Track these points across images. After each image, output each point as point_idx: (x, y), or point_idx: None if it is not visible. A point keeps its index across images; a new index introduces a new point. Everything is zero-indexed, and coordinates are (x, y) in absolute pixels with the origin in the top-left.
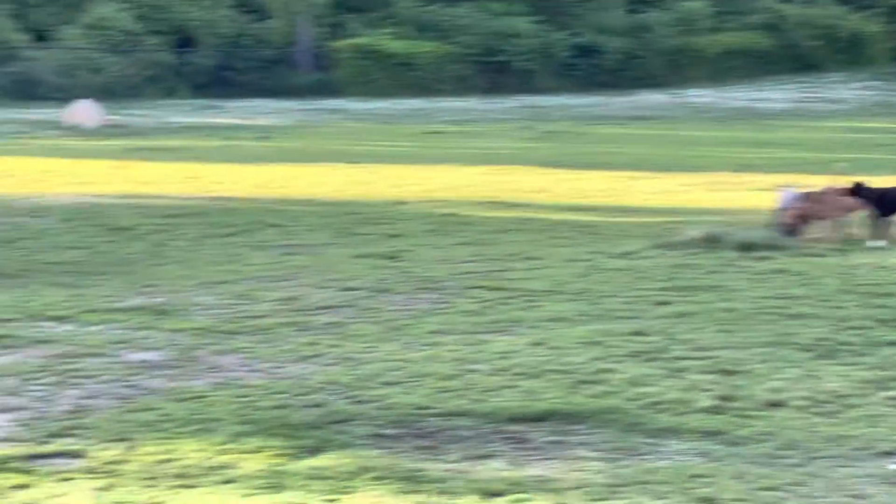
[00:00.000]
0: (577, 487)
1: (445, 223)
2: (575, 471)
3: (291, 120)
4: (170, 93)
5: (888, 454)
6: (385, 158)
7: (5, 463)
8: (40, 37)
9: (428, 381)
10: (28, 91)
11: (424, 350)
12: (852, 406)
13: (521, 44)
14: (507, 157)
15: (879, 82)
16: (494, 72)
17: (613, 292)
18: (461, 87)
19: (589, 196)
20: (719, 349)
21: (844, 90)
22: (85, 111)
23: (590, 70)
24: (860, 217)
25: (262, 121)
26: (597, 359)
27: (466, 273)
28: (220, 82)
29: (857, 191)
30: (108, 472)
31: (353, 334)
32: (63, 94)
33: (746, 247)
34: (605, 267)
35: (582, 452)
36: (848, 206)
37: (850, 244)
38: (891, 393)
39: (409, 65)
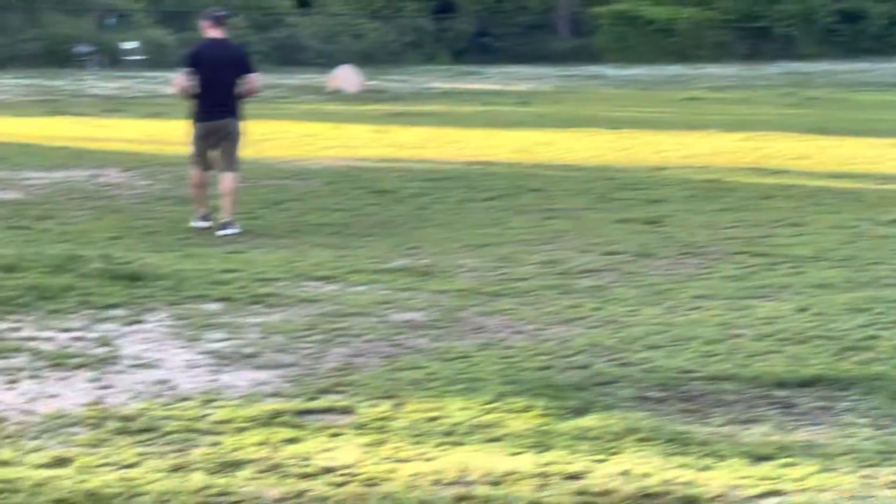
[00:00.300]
0: (845, 453)
1: (706, 189)
2: (843, 437)
3: (550, 86)
4: (429, 58)
5: None
6: (644, 124)
7: (276, 417)
8: (303, 3)
9: (692, 345)
10: (291, 56)
11: (688, 314)
12: None
13: (783, 9)
14: (767, 124)
15: None
16: (754, 37)
17: (880, 259)
18: (720, 53)
19: (853, 163)
20: None
21: None
22: (346, 76)
23: (853, 35)
24: None
25: (520, 86)
26: (864, 326)
27: (729, 239)
28: (478, 48)
29: None
30: (377, 428)
31: (615, 298)
32: (324, 60)
33: None
34: (872, 234)
35: (850, 419)
36: None
37: None
38: None
39: (668, 31)
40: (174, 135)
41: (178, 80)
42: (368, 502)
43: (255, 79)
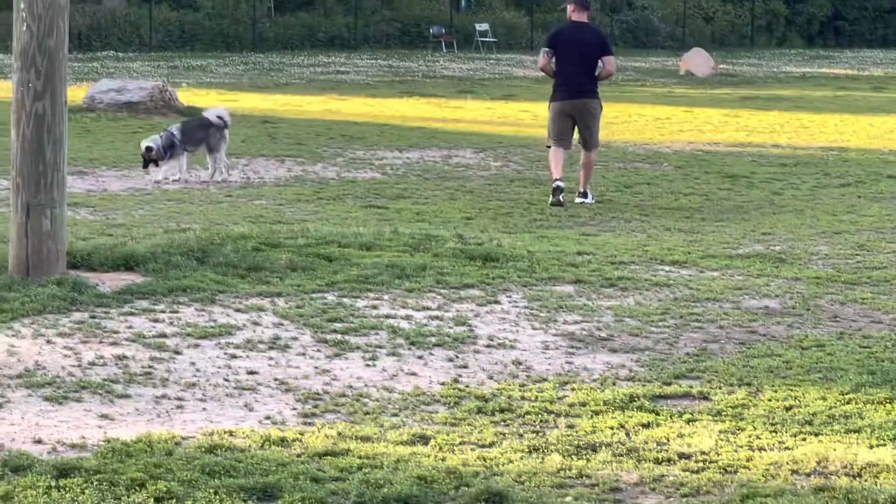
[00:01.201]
0: None
1: None
2: None
3: None
4: (780, 42)
5: None
6: None
7: (631, 401)
8: None
9: None
10: (641, 39)
11: None
12: None
13: None
14: None
15: None
16: None
17: None
18: None
19: None
20: None
21: None
22: (697, 59)
23: None
24: None
25: (875, 71)
26: None
27: None
28: (832, 32)
29: None
30: (734, 415)
31: None
32: (674, 43)
33: None
34: None
35: None
36: None
37: None
38: None
39: None
40: (526, 116)
41: (541, 60)
42: (727, 489)
43: (611, 61)
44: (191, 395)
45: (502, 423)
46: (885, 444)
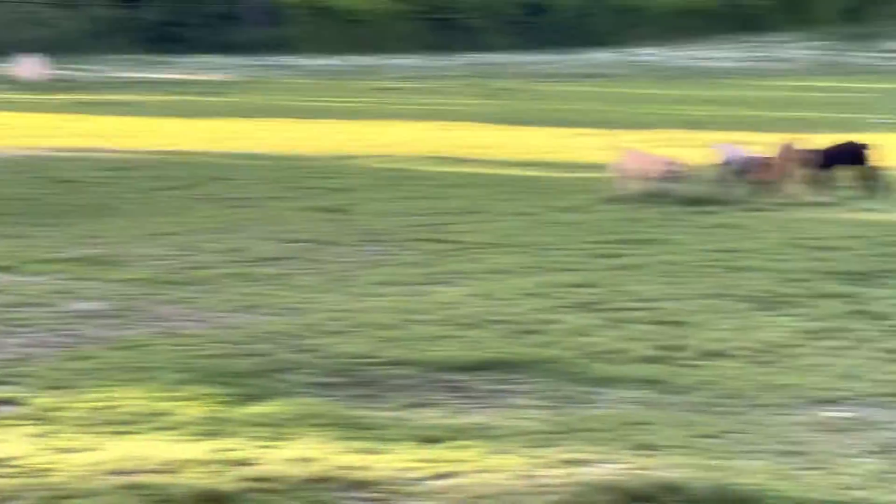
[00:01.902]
0: (515, 434)
1: (392, 178)
2: (514, 418)
3: (242, 75)
4: (117, 48)
5: (823, 402)
6: (334, 114)
7: None
8: None
9: (370, 331)
10: None
11: (367, 300)
12: (789, 356)
13: (469, 0)
14: (456, 114)
15: (826, 42)
16: (442, 29)
17: (558, 245)
18: (410, 44)
19: (537, 152)
20: (662, 300)
21: (792, 49)
22: (29, 66)
23: (540, 27)
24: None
25: (212, 76)
26: (539, 309)
27: (412, 226)
28: (169, 38)
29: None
30: (47, 419)
31: (297, 285)
32: (7, 49)
33: (692, 201)
34: (551, 221)
35: (521, 401)
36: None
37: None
38: (827, 343)
39: (359, 21)
40: None
41: None
42: (35, 494)
43: None
44: None
45: None
46: (196, 440)
